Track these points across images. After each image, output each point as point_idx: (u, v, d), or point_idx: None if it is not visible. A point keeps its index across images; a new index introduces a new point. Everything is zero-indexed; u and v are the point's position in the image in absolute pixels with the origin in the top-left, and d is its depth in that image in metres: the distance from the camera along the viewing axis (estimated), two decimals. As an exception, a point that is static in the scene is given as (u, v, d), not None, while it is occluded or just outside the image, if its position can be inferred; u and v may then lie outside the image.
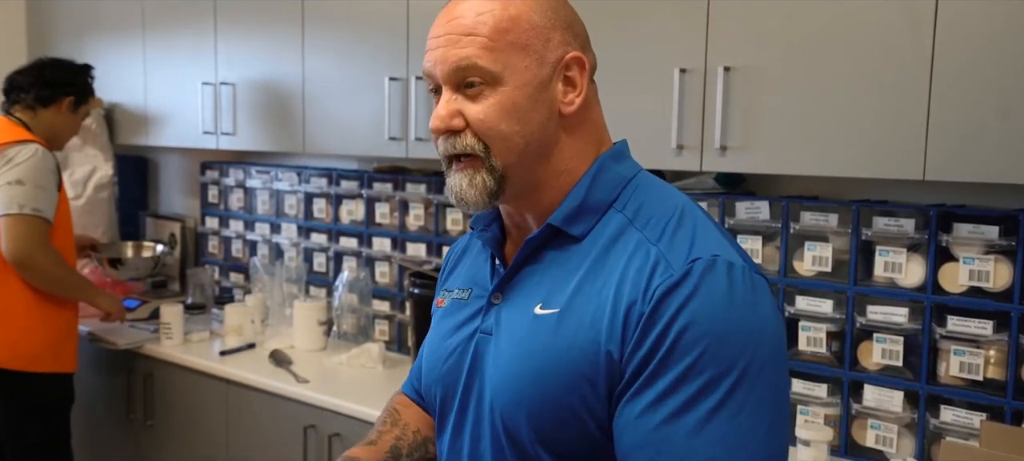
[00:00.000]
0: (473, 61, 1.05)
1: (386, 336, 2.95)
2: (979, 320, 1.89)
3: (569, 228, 1.10)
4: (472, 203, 1.10)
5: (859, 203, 2.04)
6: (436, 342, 1.22)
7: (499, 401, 1.09)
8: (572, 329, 1.04)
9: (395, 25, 2.58)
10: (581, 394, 1.03)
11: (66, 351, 2.79)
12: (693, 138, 2.03)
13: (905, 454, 2.00)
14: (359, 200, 3.05)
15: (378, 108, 2.62)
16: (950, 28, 1.72)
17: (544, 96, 1.08)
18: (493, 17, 1.06)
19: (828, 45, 1.86)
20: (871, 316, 2.02)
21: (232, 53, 3.06)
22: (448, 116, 1.08)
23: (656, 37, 2.08)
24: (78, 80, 2.95)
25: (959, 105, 1.72)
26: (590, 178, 1.11)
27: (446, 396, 1.19)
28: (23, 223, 2.61)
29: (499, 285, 1.14)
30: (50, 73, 2.88)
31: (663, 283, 1.00)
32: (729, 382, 0.96)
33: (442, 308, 1.25)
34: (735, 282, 1.00)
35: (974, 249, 1.90)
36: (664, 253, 1.03)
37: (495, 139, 1.07)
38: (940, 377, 1.96)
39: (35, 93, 2.83)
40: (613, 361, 1.01)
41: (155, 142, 3.45)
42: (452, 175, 1.11)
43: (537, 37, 1.07)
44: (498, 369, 1.10)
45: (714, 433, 0.96)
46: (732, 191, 2.30)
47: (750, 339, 0.98)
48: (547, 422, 1.05)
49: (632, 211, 1.09)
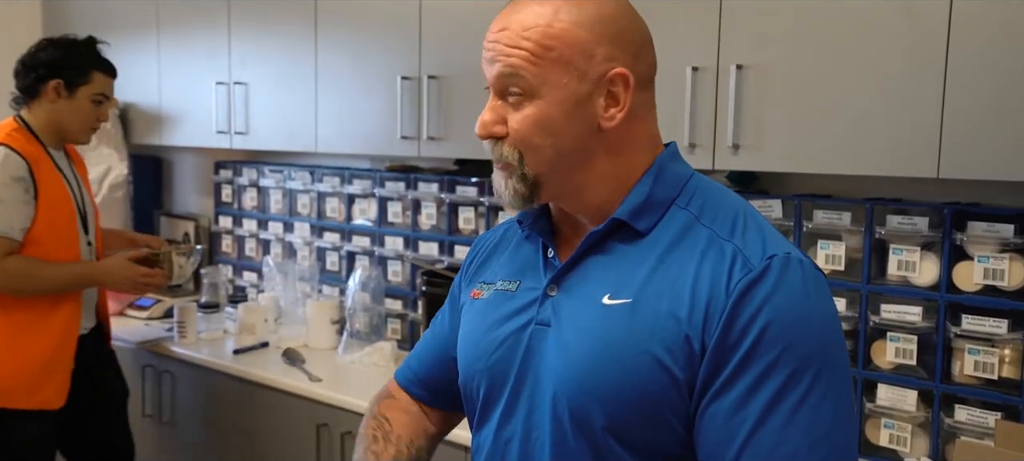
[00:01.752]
0: (515, 72, 1.08)
1: (398, 335, 2.96)
2: (994, 319, 1.88)
3: (635, 222, 1.12)
4: (507, 203, 1.15)
5: (873, 201, 2.04)
6: (479, 334, 1.22)
7: (566, 390, 1.09)
8: (649, 318, 1.06)
9: (407, 25, 2.58)
10: (659, 381, 1.04)
11: (47, 385, 2.47)
12: (705, 136, 2.03)
13: (919, 454, 1.99)
14: (371, 199, 3.06)
15: (390, 108, 2.63)
16: (964, 25, 1.71)
17: (581, 111, 1.09)
18: (538, 32, 1.08)
19: (841, 43, 1.85)
20: (885, 315, 2.01)
21: (246, 53, 3.08)
22: (491, 123, 1.12)
23: (668, 36, 2.06)
24: (62, 59, 2.52)
25: (973, 103, 1.71)
26: (653, 176, 1.14)
27: (493, 387, 1.19)
28: None
29: (555, 277, 1.16)
30: (30, 58, 2.54)
31: (744, 278, 1.03)
32: (810, 375, 1.00)
33: (482, 299, 1.24)
34: (807, 279, 1.04)
35: (989, 247, 1.88)
36: (740, 249, 1.06)
37: (528, 149, 1.10)
38: (954, 376, 1.95)
39: (18, 85, 2.54)
40: (693, 351, 1.03)
41: (169, 142, 3.46)
42: (495, 173, 1.15)
43: (580, 53, 1.08)
44: (564, 359, 1.10)
45: (801, 424, 0.99)
46: (745, 189, 2.30)
47: (824, 333, 1.03)
48: (622, 409, 1.06)
49: (697, 208, 1.12)
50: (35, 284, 2.44)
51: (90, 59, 2.57)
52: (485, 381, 1.20)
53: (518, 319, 1.17)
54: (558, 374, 1.11)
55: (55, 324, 2.49)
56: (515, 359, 1.16)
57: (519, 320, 1.17)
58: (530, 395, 1.14)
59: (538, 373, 1.14)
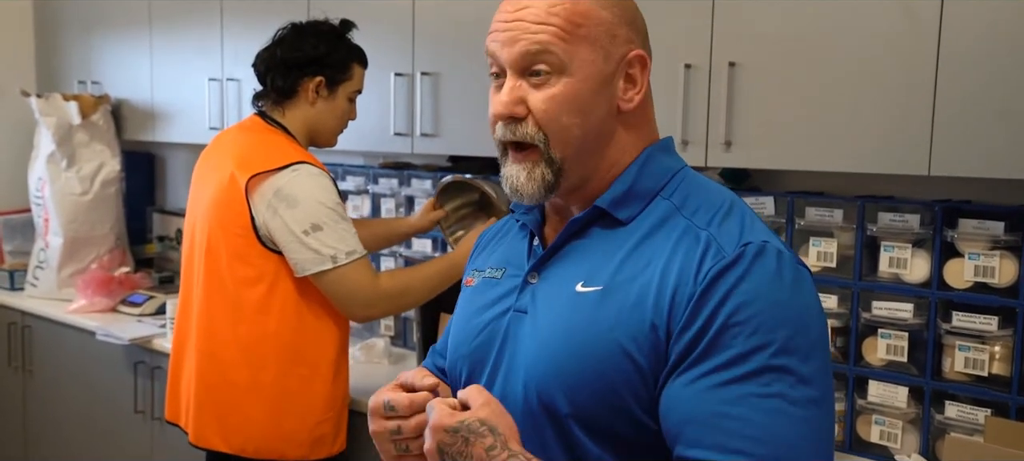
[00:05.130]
0: (546, 48, 1.07)
1: (392, 331, 2.96)
2: (984, 316, 1.89)
3: (615, 211, 1.11)
4: (528, 196, 1.11)
5: (864, 199, 2.04)
6: (465, 320, 1.23)
7: (535, 377, 1.10)
8: (616, 306, 1.05)
9: (400, 22, 2.58)
10: (623, 370, 1.04)
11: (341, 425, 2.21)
12: (698, 133, 2.03)
13: (909, 450, 2.00)
14: (365, 196, 3.06)
15: (384, 104, 2.63)
16: (956, 23, 1.71)
17: (606, 91, 1.10)
18: (565, 9, 1.07)
19: (833, 40, 1.86)
20: (876, 312, 2.02)
21: (239, 49, 3.07)
22: (511, 102, 1.09)
23: (661, 33, 2.06)
24: (328, 51, 2.14)
25: (965, 100, 1.72)
26: (638, 166, 1.13)
27: (473, 373, 1.20)
28: (350, 274, 2.01)
29: (536, 265, 1.16)
30: (286, 51, 2.12)
31: (715, 265, 1.01)
32: (784, 361, 0.98)
33: (471, 287, 1.26)
34: (784, 267, 1.02)
35: (979, 245, 1.89)
36: (715, 237, 1.05)
37: (556, 130, 1.08)
38: (945, 373, 1.96)
39: (273, 84, 2.13)
40: (659, 339, 1.03)
41: (162, 138, 3.46)
42: (509, 165, 1.12)
43: (605, 33, 1.09)
44: (535, 345, 1.11)
45: (768, 409, 0.96)
46: (737, 187, 2.30)
47: (798, 321, 1.00)
48: (586, 398, 1.06)
49: (680, 199, 1.11)
50: (413, 298, 2.16)
51: (351, 51, 2.20)
52: (466, 366, 1.21)
53: (499, 306, 1.18)
54: (529, 360, 1.11)
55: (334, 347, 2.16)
56: (494, 345, 1.17)
57: (500, 307, 1.18)
58: (504, 381, 1.15)
59: (513, 360, 1.14)
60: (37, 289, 3.52)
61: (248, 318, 2.05)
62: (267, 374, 2.06)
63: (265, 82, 2.16)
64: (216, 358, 2.09)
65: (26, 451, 3.53)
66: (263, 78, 2.16)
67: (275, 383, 2.07)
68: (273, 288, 2.03)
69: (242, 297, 2.04)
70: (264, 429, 2.08)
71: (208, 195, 2.11)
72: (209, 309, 2.09)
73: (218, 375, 2.09)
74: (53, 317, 3.29)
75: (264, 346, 2.06)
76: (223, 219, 2.05)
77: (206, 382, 2.11)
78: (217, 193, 2.07)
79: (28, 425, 3.51)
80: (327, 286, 2.02)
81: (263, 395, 2.07)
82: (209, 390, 2.11)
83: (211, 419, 2.10)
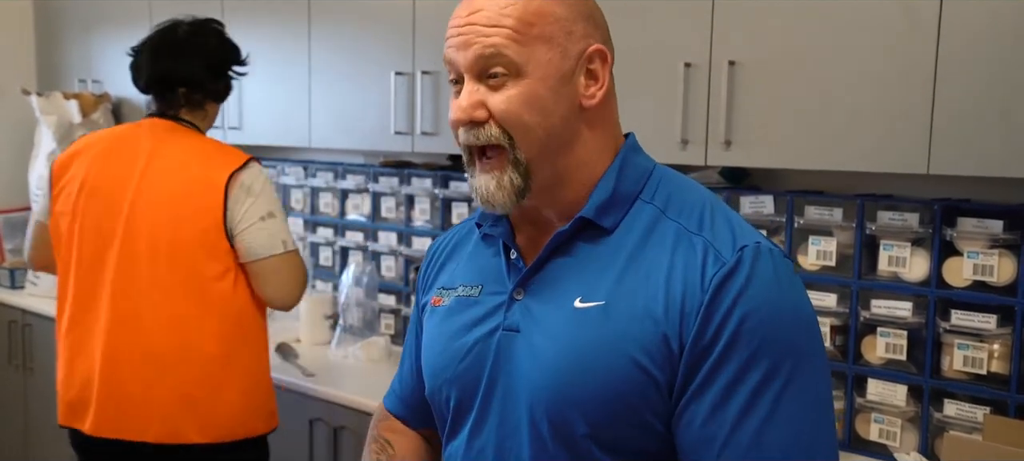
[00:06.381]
0: (499, 50, 1.05)
1: (392, 330, 2.96)
2: (983, 314, 1.90)
3: (601, 220, 1.10)
4: (499, 204, 1.09)
5: (863, 197, 2.05)
6: (444, 341, 1.18)
7: (543, 398, 1.06)
8: (623, 320, 1.04)
9: (401, 20, 2.58)
10: (638, 384, 1.03)
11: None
12: (698, 132, 2.04)
13: (908, 448, 2.00)
14: (365, 195, 3.07)
15: (384, 103, 2.63)
16: (954, 22, 1.72)
17: (566, 89, 1.08)
18: (517, 9, 1.06)
19: (832, 39, 1.86)
20: (875, 310, 2.02)
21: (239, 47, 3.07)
22: (470, 107, 1.08)
23: (661, 32, 2.08)
24: (229, 60, 2.29)
25: (963, 99, 1.72)
26: (617, 170, 1.11)
27: (463, 396, 1.16)
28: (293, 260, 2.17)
29: (521, 281, 1.13)
30: (212, 58, 2.24)
31: (718, 272, 1.02)
32: (787, 367, 1.00)
33: (443, 306, 1.20)
34: (778, 268, 1.04)
35: (978, 243, 1.90)
36: (710, 242, 1.05)
37: (518, 130, 1.07)
38: (944, 371, 1.97)
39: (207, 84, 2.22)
40: (671, 349, 1.02)
41: (162, 137, 3.46)
42: (478, 175, 1.10)
43: (561, 30, 1.07)
44: (536, 365, 1.08)
45: (780, 419, 0.99)
46: (737, 186, 2.31)
47: (797, 323, 1.03)
48: (603, 415, 1.04)
49: (662, 201, 1.11)
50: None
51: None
52: (454, 390, 1.17)
53: (484, 325, 1.14)
54: (532, 382, 1.08)
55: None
56: (484, 366, 1.13)
57: (486, 326, 1.14)
58: (502, 403, 1.12)
59: (510, 380, 1.11)
60: (37, 288, 3.53)
61: (220, 310, 2.10)
62: (239, 359, 2.14)
63: (196, 83, 2.20)
64: (190, 355, 2.08)
65: (26, 450, 3.53)
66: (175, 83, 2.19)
67: (246, 365, 2.16)
68: (236, 277, 2.12)
69: (213, 291, 2.09)
70: (239, 410, 2.14)
71: (157, 193, 2.09)
72: (172, 307, 2.07)
73: (197, 371, 2.08)
74: (54, 315, 3.29)
75: (235, 333, 2.13)
76: (193, 216, 2.08)
77: (180, 380, 2.08)
78: (183, 191, 2.09)
79: (29, 424, 3.51)
80: (271, 270, 2.13)
81: (236, 379, 2.13)
82: (184, 386, 2.08)
83: (187, 415, 2.08)
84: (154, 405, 2.08)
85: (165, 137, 2.16)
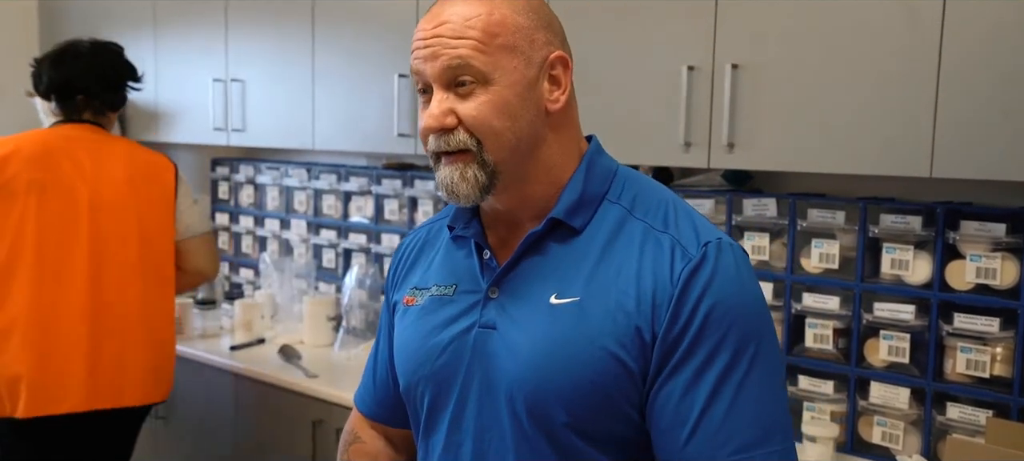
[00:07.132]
0: (466, 61, 1.09)
1: (395, 332, 2.96)
2: (986, 317, 1.90)
3: (571, 220, 1.15)
4: (463, 196, 1.13)
5: (866, 200, 2.05)
6: (419, 340, 1.21)
7: (523, 391, 1.11)
8: (598, 315, 1.09)
9: (404, 22, 2.59)
10: (614, 375, 1.08)
11: None
12: (701, 135, 2.04)
13: (911, 451, 2.00)
14: (368, 197, 3.07)
15: (387, 105, 2.63)
16: (957, 25, 1.72)
17: (532, 94, 1.13)
18: (481, 21, 1.10)
19: (835, 42, 1.87)
20: (878, 313, 2.03)
21: (243, 50, 3.08)
22: (441, 115, 1.11)
23: (664, 35, 2.08)
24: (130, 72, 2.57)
25: (966, 102, 1.72)
26: (584, 172, 1.17)
27: (439, 393, 1.19)
28: (212, 239, 2.65)
29: (496, 279, 1.17)
30: (119, 68, 2.52)
31: (686, 266, 1.09)
32: (751, 351, 1.07)
33: (417, 306, 1.24)
34: (739, 261, 1.12)
35: (981, 246, 1.90)
36: (677, 239, 1.11)
37: (488, 135, 1.11)
38: (946, 374, 1.97)
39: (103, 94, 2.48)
40: (644, 340, 1.08)
41: (166, 138, 3.46)
42: (442, 168, 1.14)
43: (523, 39, 1.12)
44: (514, 360, 1.12)
45: (750, 396, 1.07)
46: (740, 188, 2.31)
47: (758, 312, 1.11)
48: (581, 405, 1.09)
49: (628, 201, 1.17)
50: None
51: None
52: (430, 388, 1.20)
53: (459, 323, 1.18)
54: (511, 375, 1.12)
55: None
56: (461, 363, 1.17)
57: (461, 324, 1.18)
58: (479, 398, 1.15)
59: (488, 376, 1.14)
60: None
61: (170, 285, 2.49)
62: (174, 326, 2.56)
63: (75, 94, 2.42)
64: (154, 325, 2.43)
65: None
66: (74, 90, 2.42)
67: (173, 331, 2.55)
68: (177, 256, 2.52)
69: (170, 270, 2.48)
70: (173, 371, 2.54)
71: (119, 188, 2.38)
72: (144, 288, 2.40)
73: (159, 339, 2.45)
74: None
75: (173, 304, 2.53)
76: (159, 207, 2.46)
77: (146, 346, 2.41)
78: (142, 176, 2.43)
79: None
80: (198, 246, 2.56)
81: (172, 344, 2.54)
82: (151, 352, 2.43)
83: (152, 378, 2.45)
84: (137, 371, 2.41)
85: (91, 136, 2.43)
